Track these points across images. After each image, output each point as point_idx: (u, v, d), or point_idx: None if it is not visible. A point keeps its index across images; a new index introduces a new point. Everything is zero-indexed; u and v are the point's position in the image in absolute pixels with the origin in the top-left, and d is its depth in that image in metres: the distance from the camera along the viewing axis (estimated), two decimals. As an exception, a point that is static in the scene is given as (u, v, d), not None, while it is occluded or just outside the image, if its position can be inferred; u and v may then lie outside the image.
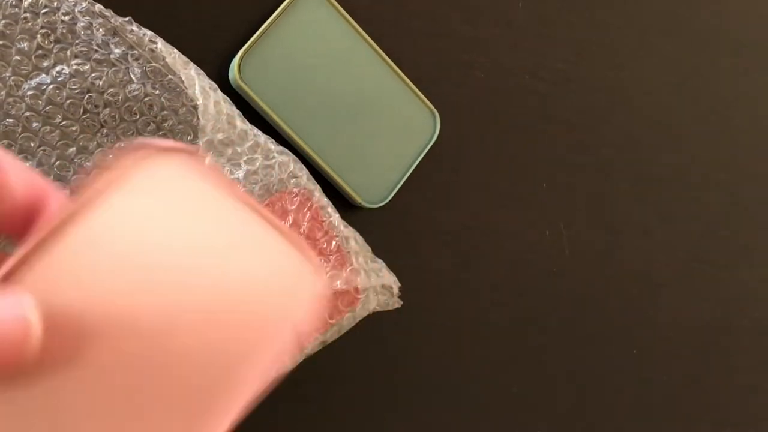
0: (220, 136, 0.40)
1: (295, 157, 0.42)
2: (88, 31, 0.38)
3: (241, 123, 0.41)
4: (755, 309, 0.59)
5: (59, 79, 0.37)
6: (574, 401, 0.52)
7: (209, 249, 0.20)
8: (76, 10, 0.37)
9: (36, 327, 0.17)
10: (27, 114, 0.37)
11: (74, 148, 0.37)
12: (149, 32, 0.39)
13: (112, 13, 0.38)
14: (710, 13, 0.59)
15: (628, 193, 0.55)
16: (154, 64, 0.39)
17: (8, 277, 0.18)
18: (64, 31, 0.37)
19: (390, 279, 0.45)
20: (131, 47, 0.39)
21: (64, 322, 0.18)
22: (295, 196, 0.42)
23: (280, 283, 0.22)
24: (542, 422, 0.51)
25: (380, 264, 0.45)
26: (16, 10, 0.36)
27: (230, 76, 0.42)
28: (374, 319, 0.44)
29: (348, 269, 0.43)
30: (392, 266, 0.45)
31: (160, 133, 0.39)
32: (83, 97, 0.38)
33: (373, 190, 0.46)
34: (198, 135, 0.39)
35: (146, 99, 0.39)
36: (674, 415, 0.55)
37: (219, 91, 0.40)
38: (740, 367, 0.58)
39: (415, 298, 0.47)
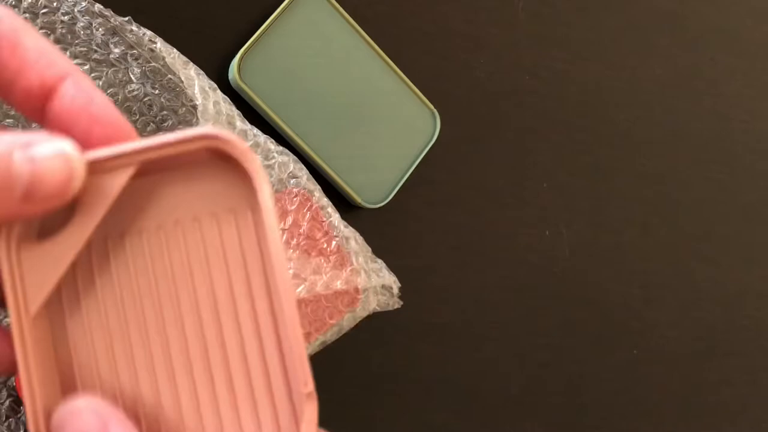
0: (219, 136, 0.39)
1: (294, 157, 0.42)
2: (88, 31, 0.38)
3: (240, 123, 0.40)
4: (755, 308, 0.58)
5: (58, 79, 0.37)
6: (574, 401, 0.52)
7: None
8: (75, 10, 0.37)
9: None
10: (26, 114, 0.36)
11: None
12: (149, 32, 0.39)
13: (112, 12, 0.38)
14: (710, 12, 0.59)
15: (628, 193, 0.55)
16: (153, 64, 0.39)
17: None
18: (64, 31, 0.37)
19: (390, 279, 0.45)
20: (131, 47, 0.39)
21: None
22: (294, 196, 0.42)
23: None
24: (542, 422, 0.51)
25: (380, 264, 0.44)
26: (15, 10, 0.36)
27: (230, 76, 0.42)
28: (374, 319, 0.44)
29: (348, 269, 0.43)
30: (392, 266, 0.45)
31: (160, 133, 0.39)
32: (83, 97, 0.37)
33: (373, 190, 0.46)
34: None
35: (146, 99, 0.39)
36: (674, 415, 0.55)
37: (218, 91, 0.40)
38: (740, 366, 0.58)
39: (415, 299, 0.47)
